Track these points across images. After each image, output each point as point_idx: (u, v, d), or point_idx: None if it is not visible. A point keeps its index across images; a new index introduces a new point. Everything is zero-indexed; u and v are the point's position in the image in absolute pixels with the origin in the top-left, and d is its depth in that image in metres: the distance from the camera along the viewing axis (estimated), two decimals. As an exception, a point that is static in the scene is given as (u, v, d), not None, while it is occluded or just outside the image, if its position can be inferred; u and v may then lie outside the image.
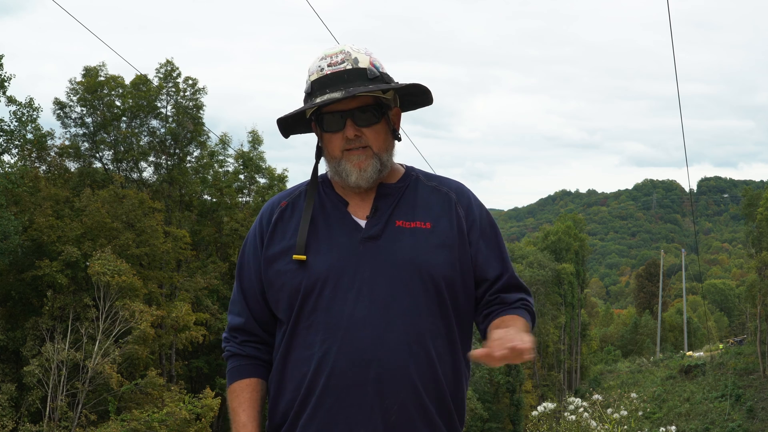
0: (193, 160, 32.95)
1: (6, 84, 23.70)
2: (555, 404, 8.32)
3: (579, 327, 66.54)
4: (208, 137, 32.67)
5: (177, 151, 31.52)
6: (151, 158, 31.77)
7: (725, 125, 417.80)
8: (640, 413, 8.84)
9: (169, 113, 31.23)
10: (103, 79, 30.15)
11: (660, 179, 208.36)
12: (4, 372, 23.84)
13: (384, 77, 2.04)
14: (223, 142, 34.77)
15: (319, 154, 2.13)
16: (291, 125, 2.15)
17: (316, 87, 2.01)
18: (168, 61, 31.39)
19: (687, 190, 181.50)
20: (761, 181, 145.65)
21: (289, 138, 2.21)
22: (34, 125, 24.62)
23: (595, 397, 8.18)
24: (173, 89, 31.20)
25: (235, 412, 2.07)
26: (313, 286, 1.99)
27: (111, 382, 22.40)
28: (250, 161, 35.12)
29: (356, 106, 2.01)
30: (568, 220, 71.57)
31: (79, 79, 30.03)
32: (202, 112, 31.57)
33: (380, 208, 2.07)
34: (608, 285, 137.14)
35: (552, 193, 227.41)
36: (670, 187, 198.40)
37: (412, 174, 2.17)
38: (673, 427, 8.65)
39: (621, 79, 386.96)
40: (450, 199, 2.12)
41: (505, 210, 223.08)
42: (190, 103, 31.26)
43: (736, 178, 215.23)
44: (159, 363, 28.63)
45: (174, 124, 31.10)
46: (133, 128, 31.00)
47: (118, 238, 25.96)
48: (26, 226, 24.41)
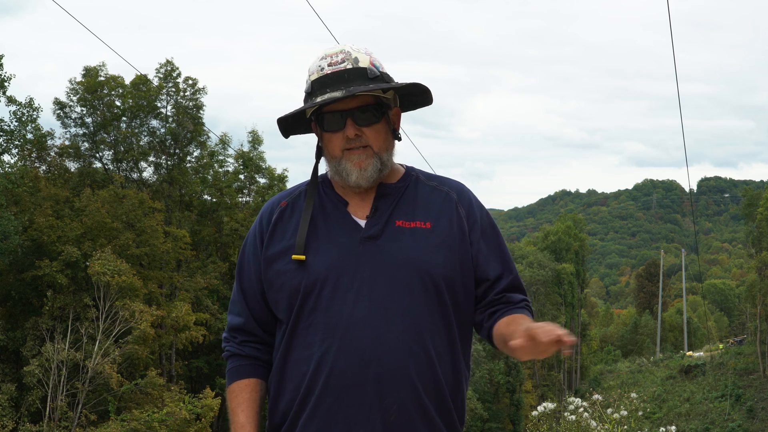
0: (193, 160, 32.99)
1: (6, 84, 23.72)
2: (555, 404, 8.30)
3: (579, 327, 66.55)
4: (208, 137, 32.72)
5: (177, 151, 31.53)
6: (151, 158, 31.80)
7: (725, 125, 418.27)
8: (640, 413, 8.83)
9: (169, 113, 31.27)
10: (103, 79, 30.17)
11: (660, 179, 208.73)
12: (4, 372, 23.84)
13: (384, 77, 2.04)
14: (223, 142, 34.80)
15: (319, 154, 2.13)
16: (291, 125, 2.15)
17: (317, 86, 2.01)
18: (168, 61, 31.42)
19: (687, 190, 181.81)
20: (761, 181, 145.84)
21: (289, 138, 2.21)
22: (34, 125, 24.64)
23: (595, 397, 8.17)
24: (173, 89, 31.22)
25: (234, 412, 2.07)
26: (313, 286, 1.99)
27: (111, 382, 22.40)
28: (250, 161, 35.12)
29: (356, 105, 2.01)
30: (568, 220, 71.61)
31: (79, 79, 30.09)
32: (202, 112, 31.62)
33: (380, 207, 2.06)
34: (608, 285, 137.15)
35: (552, 193, 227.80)
36: (670, 187, 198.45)
37: (412, 174, 2.16)
38: (673, 427, 8.65)
39: (621, 79, 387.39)
40: (451, 198, 2.12)
41: (505, 210, 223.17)
42: (190, 103, 31.28)
43: (736, 178, 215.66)
44: (159, 363, 28.64)
45: (174, 124, 31.11)
46: (133, 128, 31.01)
47: (118, 238, 25.96)
48: (26, 226, 24.41)
